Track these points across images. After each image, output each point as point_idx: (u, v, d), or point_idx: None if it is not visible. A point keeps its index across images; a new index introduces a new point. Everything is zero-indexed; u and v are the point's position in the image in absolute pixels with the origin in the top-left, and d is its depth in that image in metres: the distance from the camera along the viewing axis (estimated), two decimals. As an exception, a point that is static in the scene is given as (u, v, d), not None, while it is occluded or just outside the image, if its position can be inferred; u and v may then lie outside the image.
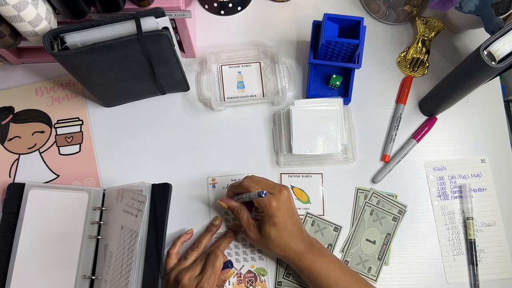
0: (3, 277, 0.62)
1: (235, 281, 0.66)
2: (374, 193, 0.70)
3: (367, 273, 0.67)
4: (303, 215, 0.69)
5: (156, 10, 0.57)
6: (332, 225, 0.68)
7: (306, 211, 0.69)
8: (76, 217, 0.65)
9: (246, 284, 0.66)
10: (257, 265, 0.67)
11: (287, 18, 0.80)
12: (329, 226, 0.68)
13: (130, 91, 0.70)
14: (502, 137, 0.74)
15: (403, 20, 0.79)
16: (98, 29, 0.56)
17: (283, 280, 0.65)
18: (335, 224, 0.68)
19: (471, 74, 0.60)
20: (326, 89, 0.75)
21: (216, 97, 0.73)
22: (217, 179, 0.70)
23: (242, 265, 0.66)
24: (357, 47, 0.66)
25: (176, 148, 0.72)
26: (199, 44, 0.77)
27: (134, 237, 0.58)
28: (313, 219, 0.68)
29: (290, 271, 0.66)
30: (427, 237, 0.69)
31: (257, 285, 0.66)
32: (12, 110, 0.73)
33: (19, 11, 0.52)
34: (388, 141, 0.72)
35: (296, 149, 0.68)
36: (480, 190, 0.71)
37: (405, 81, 0.76)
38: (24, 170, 0.70)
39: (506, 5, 0.69)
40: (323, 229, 0.68)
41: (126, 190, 0.62)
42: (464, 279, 0.67)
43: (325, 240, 0.68)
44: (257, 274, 0.66)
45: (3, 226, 0.65)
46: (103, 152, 0.72)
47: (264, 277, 0.66)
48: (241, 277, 0.66)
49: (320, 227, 0.68)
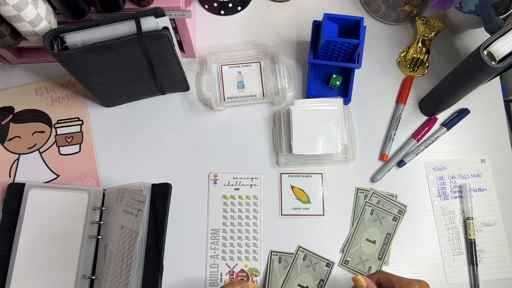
0: (3, 277, 0.62)
1: (227, 278, 0.66)
2: (374, 193, 0.70)
3: (367, 273, 0.67)
4: (294, 251, 0.67)
5: (156, 10, 0.57)
6: (324, 260, 0.66)
7: (299, 248, 0.67)
8: (76, 217, 0.65)
9: None
10: (250, 265, 0.67)
11: (287, 18, 0.80)
12: (321, 261, 0.66)
13: (130, 91, 0.70)
14: (502, 137, 0.74)
15: (403, 20, 0.79)
16: (98, 29, 0.56)
17: None
18: (327, 260, 0.66)
19: (471, 74, 0.60)
20: (326, 89, 0.75)
21: (216, 97, 0.73)
22: (219, 176, 0.70)
23: (235, 264, 0.67)
24: (357, 47, 0.66)
25: (176, 148, 0.72)
26: (199, 44, 0.77)
27: (134, 237, 0.58)
28: (305, 253, 0.67)
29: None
30: (427, 237, 0.69)
31: (248, 284, 0.66)
32: (12, 110, 0.73)
33: (19, 11, 0.52)
34: (387, 140, 0.72)
35: (296, 149, 0.68)
36: (480, 190, 0.71)
37: (406, 81, 0.76)
38: (24, 170, 0.70)
39: (506, 5, 0.69)
40: (315, 264, 0.67)
41: (126, 190, 0.62)
42: (464, 279, 0.67)
43: (316, 275, 0.66)
44: (250, 274, 0.66)
45: (3, 226, 0.65)
46: (103, 152, 0.72)
47: (257, 277, 0.66)
48: (234, 275, 0.66)
49: (312, 262, 0.66)
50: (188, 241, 0.67)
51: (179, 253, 0.67)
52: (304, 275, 0.66)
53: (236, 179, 0.70)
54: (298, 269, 0.66)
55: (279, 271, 0.66)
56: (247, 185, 0.70)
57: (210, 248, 0.67)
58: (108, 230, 0.64)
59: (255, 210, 0.69)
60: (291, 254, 0.67)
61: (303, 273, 0.66)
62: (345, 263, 0.67)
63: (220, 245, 0.67)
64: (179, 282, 0.65)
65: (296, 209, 0.69)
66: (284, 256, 0.67)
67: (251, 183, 0.70)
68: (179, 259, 0.67)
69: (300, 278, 0.66)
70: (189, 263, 0.67)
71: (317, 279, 0.66)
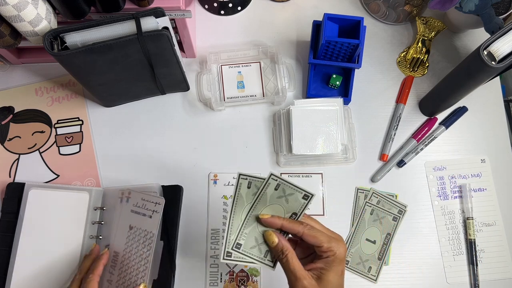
0: (3, 277, 0.62)
1: (227, 278, 0.66)
2: (374, 193, 0.70)
3: (367, 273, 0.67)
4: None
5: (156, 10, 0.57)
6: (302, 192, 0.50)
7: (270, 176, 0.50)
8: (77, 217, 0.65)
9: (237, 283, 0.66)
10: (250, 265, 0.67)
11: (287, 18, 0.80)
12: (298, 192, 0.50)
13: (130, 91, 0.70)
14: (502, 137, 0.74)
15: (403, 20, 0.79)
16: (98, 29, 0.56)
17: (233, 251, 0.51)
18: (305, 191, 0.50)
19: (471, 74, 0.60)
20: (326, 89, 0.75)
21: (216, 97, 0.73)
22: (219, 176, 0.70)
23: (235, 264, 0.66)
24: (357, 47, 0.66)
25: (176, 148, 0.72)
26: (199, 44, 0.77)
27: (150, 237, 0.58)
28: (278, 182, 0.49)
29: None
30: (427, 237, 0.69)
31: (248, 285, 0.66)
32: (12, 110, 0.73)
33: (19, 11, 0.52)
34: (387, 140, 0.72)
35: (296, 149, 0.68)
36: (480, 190, 0.71)
37: (406, 81, 0.76)
38: (24, 170, 0.70)
39: (506, 5, 0.69)
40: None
41: (133, 191, 0.62)
42: (464, 279, 0.67)
43: (289, 207, 0.51)
44: (250, 274, 0.66)
45: (3, 226, 0.65)
46: (103, 152, 0.72)
47: (257, 277, 0.66)
48: (234, 275, 0.66)
49: (286, 193, 0.50)
50: (188, 241, 0.67)
51: (179, 253, 0.67)
52: (274, 206, 0.51)
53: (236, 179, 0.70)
54: (267, 200, 0.51)
55: (246, 197, 0.51)
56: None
57: (210, 248, 0.67)
58: (111, 230, 0.64)
59: (255, 210, 0.69)
60: (263, 179, 0.50)
61: (272, 205, 0.51)
62: (345, 263, 0.67)
63: (220, 245, 0.67)
64: (179, 282, 0.65)
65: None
66: (255, 181, 0.51)
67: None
68: (179, 259, 0.66)
69: (269, 209, 0.52)
70: (189, 263, 0.67)
71: (289, 212, 0.51)
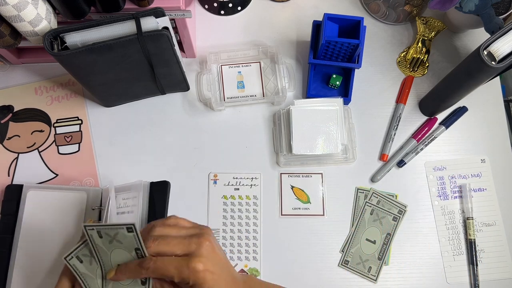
0: (3, 278, 0.62)
1: None
2: (374, 193, 0.70)
3: (367, 273, 0.67)
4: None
5: (156, 10, 0.57)
6: (122, 227, 0.43)
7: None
8: (75, 217, 0.65)
9: None
10: (250, 265, 0.67)
11: (287, 18, 0.80)
12: (120, 229, 0.43)
13: (130, 91, 0.70)
14: (502, 137, 0.74)
15: (403, 20, 0.79)
16: (98, 29, 0.56)
17: None
18: (124, 225, 0.42)
19: (471, 74, 0.60)
20: (326, 89, 0.75)
21: (216, 97, 0.73)
22: (219, 176, 0.70)
23: (235, 264, 0.66)
24: (357, 47, 0.66)
25: (176, 148, 0.72)
26: (199, 44, 0.77)
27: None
28: (96, 229, 0.43)
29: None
30: (427, 237, 0.69)
31: None
32: (12, 109, 0.73)
33: (19, 11, 0.52)
34: (387, 140, 0.72)
35: (296, 149, 0.68)
36: (480, 190, 0.71)
37: (406, 81, 0.76)
38: (23, 169, 0.70)
39: (506, 5, 0.69)
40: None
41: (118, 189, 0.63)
42: (464, 279, 0.67)
43: (127, 246, 0.44)
44: (250, 274, 0.66)
45: (2, 227, 0.64)
46: (102, 151, 0.71)
47: (257, 277, 0.66)
48: None
49: (112, 235, 0.44)
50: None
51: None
52: (116, 252, 0.45)
53: (236, 179, 0.70)
54: (105, 250, 0.44)
55: (105, 246, 0.44)
56: (247, 185, 0.70)
57: (210, 248, 0.67)
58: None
59: (255, 210, 0.69)
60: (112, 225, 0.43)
61: (114, 251, 0.45)
62: (345, 263, 0.67)
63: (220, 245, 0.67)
64: (179, 282, 0.65)
65: (296, 209, 0.69)
66: (104, 229, 0.43)
67: (251, 183, 0.70)
68: (179, 259, 0.66)
69: (115, 256, 0.45)
70: (189, 263, 0.66)
71: (130, 251, 0.44)
